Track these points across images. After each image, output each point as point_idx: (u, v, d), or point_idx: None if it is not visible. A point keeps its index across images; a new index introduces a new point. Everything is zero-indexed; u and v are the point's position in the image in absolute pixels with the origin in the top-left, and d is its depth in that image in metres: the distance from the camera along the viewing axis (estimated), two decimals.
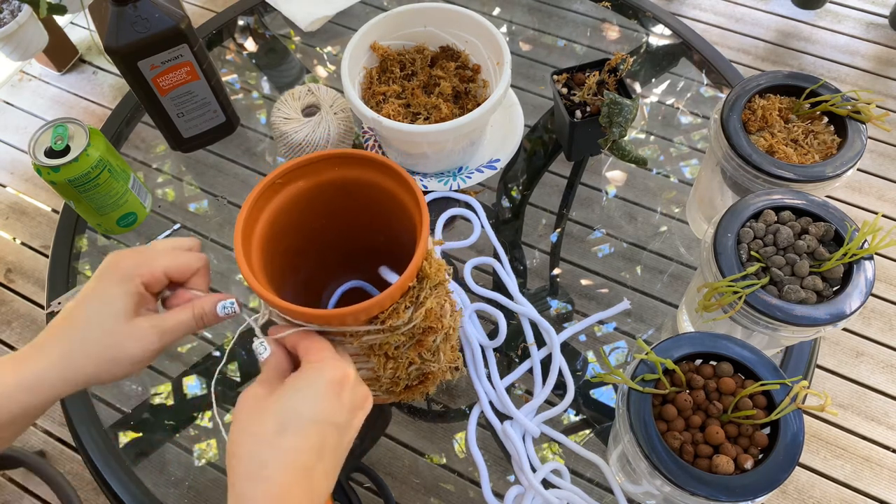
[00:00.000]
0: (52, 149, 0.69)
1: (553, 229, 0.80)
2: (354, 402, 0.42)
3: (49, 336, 0.44)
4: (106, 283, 0.45)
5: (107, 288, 0.45)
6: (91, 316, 0.44)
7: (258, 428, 0.39)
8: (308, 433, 0.39)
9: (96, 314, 0.44)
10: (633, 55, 0.94)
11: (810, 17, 1.99)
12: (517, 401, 0.67)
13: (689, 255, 0.77)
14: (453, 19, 0.76)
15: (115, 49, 0.69)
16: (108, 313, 0.44)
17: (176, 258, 0.47)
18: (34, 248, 1.67)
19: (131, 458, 0.66)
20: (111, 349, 0.44)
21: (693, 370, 0.51)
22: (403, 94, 0.75)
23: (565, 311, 0.73)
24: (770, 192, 0.57)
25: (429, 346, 0.52)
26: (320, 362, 0.42)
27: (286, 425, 0.39)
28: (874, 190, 1.66)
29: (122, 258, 0.46)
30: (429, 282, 0.48)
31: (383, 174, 0.51)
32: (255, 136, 0.89)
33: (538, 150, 0.86)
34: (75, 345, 0.44)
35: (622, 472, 0.61)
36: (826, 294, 0.53)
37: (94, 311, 0.44)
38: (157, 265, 0.46)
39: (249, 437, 0.39)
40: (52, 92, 1.95)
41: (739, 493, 0.45)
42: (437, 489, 0.65)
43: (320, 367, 0.42)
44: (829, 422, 1.37)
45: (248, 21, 1.01)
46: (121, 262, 0.46)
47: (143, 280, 0.45)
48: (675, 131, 0.87)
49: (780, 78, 0.65)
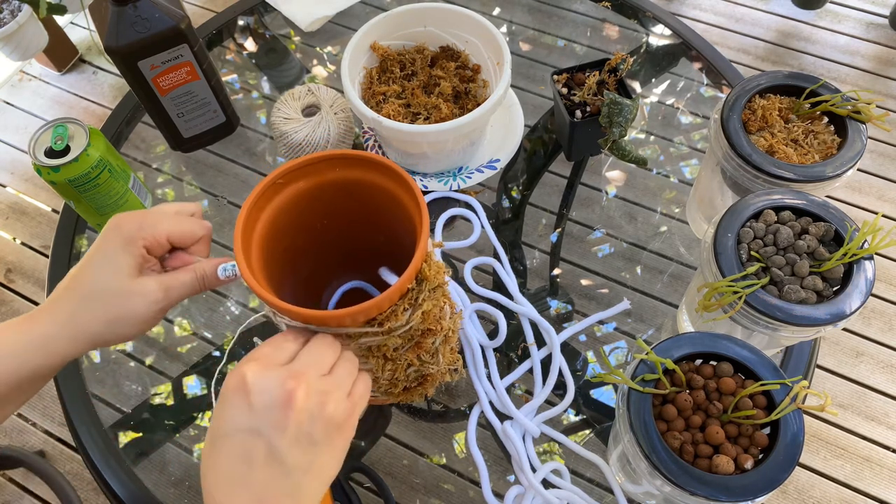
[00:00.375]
0: (52, 149, 0.69)
1: (553, 229, 0.80)
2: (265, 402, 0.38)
3: (56, 297, 0.45)
4: (109, 244, 0.45)
5: (110, 249, 0.45)
6: (96, 276, 0.45)
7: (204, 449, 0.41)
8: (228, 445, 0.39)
9: (101, 274, 0.45)
10: (633, 55, 0.94)
11: (810, 17, 1.99)
12: (517, 401, 0.67)
13: (689, 255, 0.77)
14: (453, 19, 0.76)
15: (115, 49, 0.69)
16: (112, 272, 0.45)
17: (179, 224, 0.48)
18: (34, 248, 1.67)
19: (131, 458, 0.66)
20: (117, 307, 0.45)
21: (693, 370, 0.51)
22: (403, 94, 0.75)
23: (565, 311, 0.73)
24: (770, 192, 0.57)
25: (428, 347, 0.52)
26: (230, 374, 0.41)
27: (214, 442, 0.39)
28: (874, 190, 1.66)
29: (124, 221, 0.46)
30: (428, 284, 0.48)
31: (383, 175, 0.51)
32: (255, 136, 0.89)
33: (538, 150, 0.86)
34: (81, 303, 0.44)
35: (622, 472, 0.61)
36: (826, 294, 0.53)
37: (99, 270, 0.45)
38: (161, 229, 0.47)
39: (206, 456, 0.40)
40: (52, 92, 1.95)
41: (739, 493, 0.45)
42: (437, 489, 0.65)
43: (225, 381, 0.40)
44: (829, 422, 1.37)
45: (248, 21, 1.01)
46: (123, 224, 0.46)
47: (145, 243, 0.46)
48: (675, 131, 0.87)
49: (780, 78, 0.65)
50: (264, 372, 0.39)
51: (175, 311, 0.76)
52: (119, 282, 0.45)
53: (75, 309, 0.44)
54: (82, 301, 0.45)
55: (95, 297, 0.45)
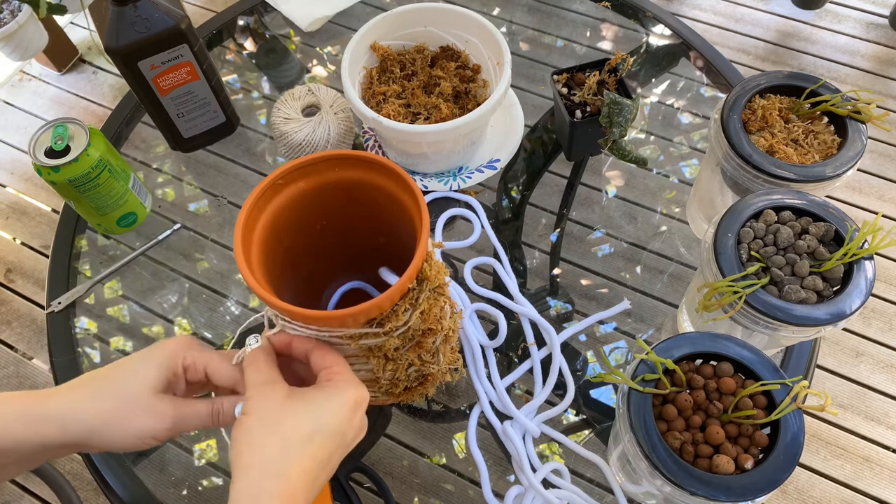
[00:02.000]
0: (53, 149, 0.69)
1: (553, 229, 0.80)
2: (362, 425, 0.45)
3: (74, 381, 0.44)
4: (151, 354, 0.45)
5: (149, 358, 0.45)
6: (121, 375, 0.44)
7: (290, 431, 0.41)
8: (326, 446, 0.42)
9: (126, 375, 0.44)
10: (633, 55, 0.94)
11: (810, 17, 1.99)
12: (517, 401, 0.67)
13: (689, 255, 0.77)
14: (453, 19, 0.76)
15: (115, 49, 0.69)
16: (137, 379, 0.44)
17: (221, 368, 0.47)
18: (34, 248, 1.67)
19: (131, 458, 0.66)
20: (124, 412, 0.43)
21: (693, 370, 0.51)
22: (403, 94, 0.75)
23: (565, 311, 0.73)
24: (770, 192, 0.57)
25: (428, 347, 0.52)
26: (346, 381, 0.44)
27: (313, 434, 0.41)
28: (874, 190, 1.66)
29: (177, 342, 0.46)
30: (428, 284, 0.48)
31: (384, 175, 0.51)
32: (255, 136, 0.89)
33: (538, 150, 0.86)
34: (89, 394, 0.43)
35: (622, 472, 0.61)
36: (826, 294, 0.53)
37: (127, 372, 0.45)
38: (205, 360, 0.46)
39: (280, 439, 0.40)
40: (52, 92, 1.95)
41: (739, 493, 0.45)
42: (437, 489, 0.65)
43: (345, 386, 0.44)
44: (829, 422, 1.37)
45: (248, 21, 1.01)
46: (174, 343, 0.46)
47: (185, 363, 0.46)
48: (675, 131, 0.87)
49: (780, 78, 0.65)
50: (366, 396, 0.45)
51: (175, 311, 0.76)
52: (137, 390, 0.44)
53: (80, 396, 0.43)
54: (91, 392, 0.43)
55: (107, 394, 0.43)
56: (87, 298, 0.76)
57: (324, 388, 0.44)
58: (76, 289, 0.76)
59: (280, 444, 0.40)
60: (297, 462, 0.40)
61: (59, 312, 0.75)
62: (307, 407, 0.42)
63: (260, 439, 0.40)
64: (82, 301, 0.76)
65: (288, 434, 0.41)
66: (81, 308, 0.76)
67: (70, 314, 0.75)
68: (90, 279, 0.77)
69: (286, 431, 0.41)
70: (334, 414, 0.42)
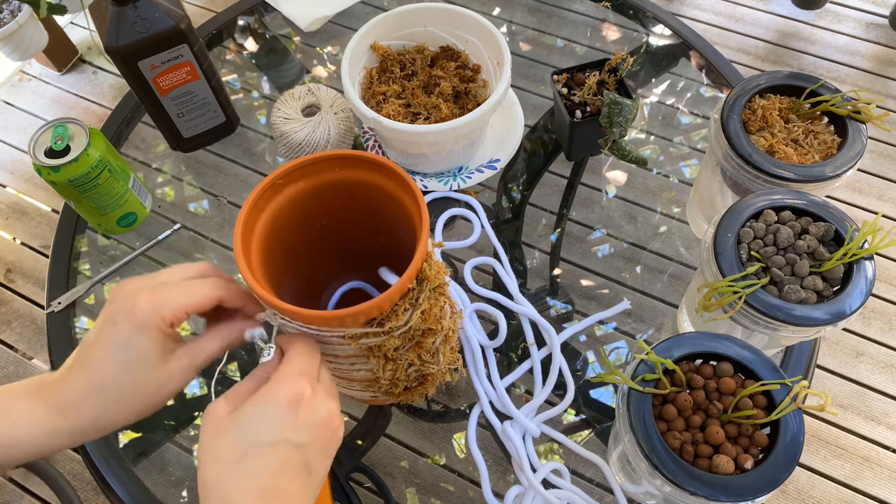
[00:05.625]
0: (53, 149, 0.69)
1: (553, 229, 0.80)
2: (314, 420, 0.41)
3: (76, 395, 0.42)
4: (126, 331, 0.42)
5: (129, 337, 0.42)
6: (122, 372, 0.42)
7: (222, 451, 0.39)
8: (267, 456, 0.39)
9: (127, 369, 0.42)
10: (633, 55, 0.94)
11: (810, 18, 1.99)
12: (517, 401, 0.67)
13: (689, 255, 0.77)
14: (453, 19, 0.76)
15: (115, 49, 0.69)
16: (139, 367, 0.42)
17: (192, 294, 0.44)
18: (34, 248, 1.67)
19: (131, 458, 0.66)
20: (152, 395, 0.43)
21: (693, 370, 0.51)
22: (403, 94, 0.75)
23: (565, 311, 0.73)
24: (770, 192, 0.57)
25: (428, 347, 0.52)
26: (278, 380, 0.41)
27: (246, 450, 0.39)
28: (874, 190, 1.66)
29: (135, 302, 0.42)
30: (428, 284, 0.48)
31: (384, 175, 0.51)
32: (255, 136, 0.89)
33: (538, 150, 0.86)
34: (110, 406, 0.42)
35: (622, 472, 0.61)
36: (826, 294, 0.53)
37: (125, 366, 0.42)
38: (176, 305, 0.43)
39: (214, 459, 0.39)
40: (52, 92, 1.95)
41: (739, 493, 0.45)
42: (437, 489, 0.65)
43: (276, 387, 0.41)
44: (829, 422, 1.37)
45: (248, 21, 1.01)
46: (135, 307, 0.42)
47: (164, 325, 0.43)
48: (675, 131, 0.87)
49: (780, 78, 0.65)
50: (315, 390, 0.42)
51: None
52: (146, 374, 0.42)
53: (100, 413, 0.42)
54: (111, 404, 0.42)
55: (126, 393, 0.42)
56: (87, 298, 0.76)
57: (257, 395, 0.41)
58: (76, 289, 0.76)
59: (214, 470, 0.39)
60: (237, 484, 0.38)
61: (59, 312, 0.75)
62: (237, 420, 0.40)
63: (201, 466, 0.39)
64: (82, 301, 0.76)
65: (219, 457, 0.39)
66: (81, 308, 0.76)
67: (70, 314, 0.75)
68: (90, 279, 0.77)
69: (217, 455, 0.39)
70: (264, 422, 0.39)
